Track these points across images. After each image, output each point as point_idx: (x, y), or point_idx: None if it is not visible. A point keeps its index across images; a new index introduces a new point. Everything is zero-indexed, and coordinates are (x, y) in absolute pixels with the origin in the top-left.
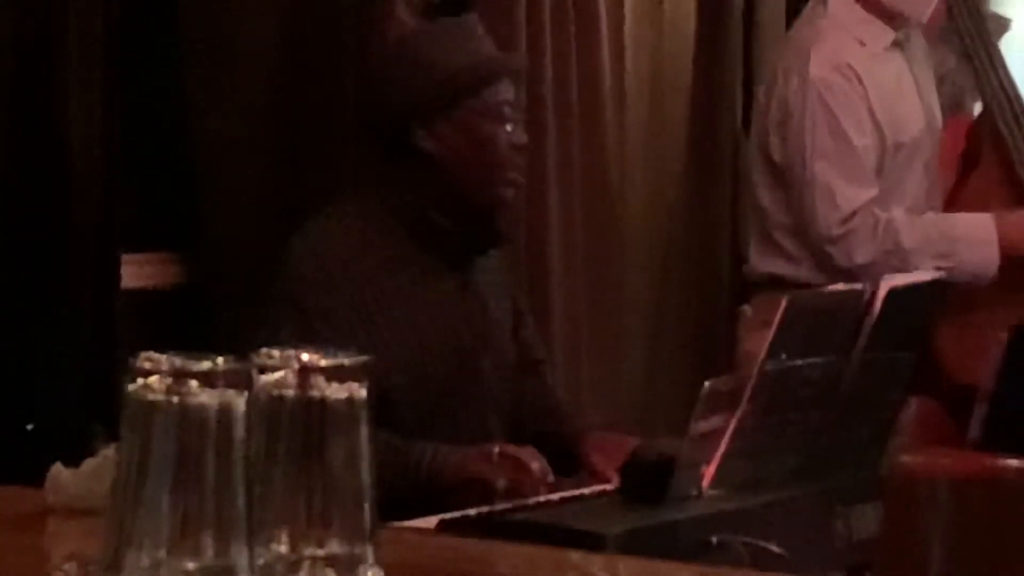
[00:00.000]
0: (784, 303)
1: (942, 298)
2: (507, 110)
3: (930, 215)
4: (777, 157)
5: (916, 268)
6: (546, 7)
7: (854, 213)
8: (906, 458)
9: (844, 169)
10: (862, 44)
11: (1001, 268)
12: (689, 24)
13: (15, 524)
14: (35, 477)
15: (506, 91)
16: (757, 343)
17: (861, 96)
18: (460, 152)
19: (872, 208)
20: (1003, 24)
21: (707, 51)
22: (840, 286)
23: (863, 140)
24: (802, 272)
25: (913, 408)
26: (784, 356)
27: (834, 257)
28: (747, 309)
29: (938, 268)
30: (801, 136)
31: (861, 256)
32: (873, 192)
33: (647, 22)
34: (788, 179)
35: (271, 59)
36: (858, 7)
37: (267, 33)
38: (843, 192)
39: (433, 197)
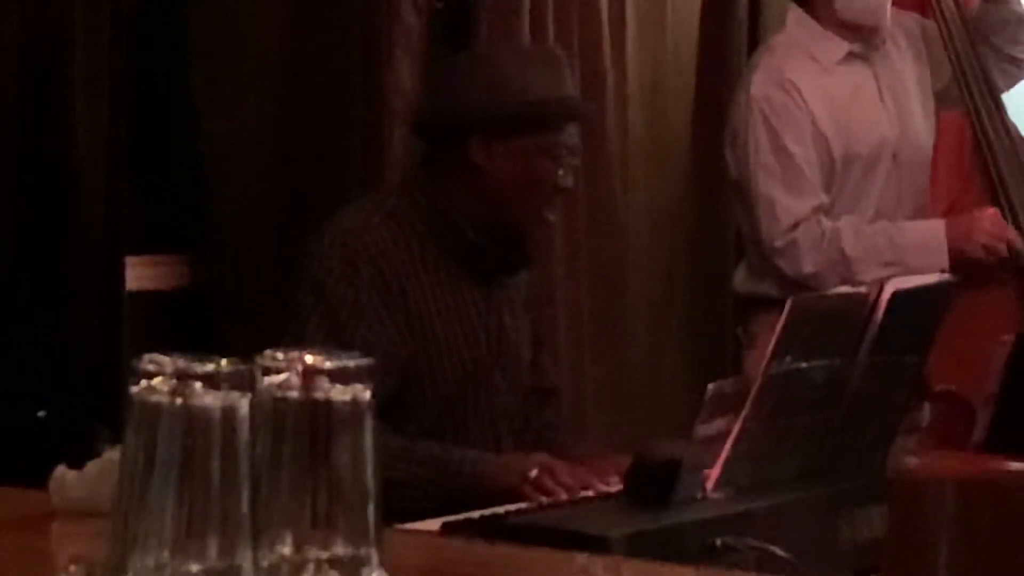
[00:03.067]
0: (789, 305)
1: (949, 301)
2: (564, 152)
3: (880, 223)
4: (732, 174)
5: (862, 277)
6: (549, 10)
7: (797, 224)
8: (912, 461)
9: (785, 181)
10: (813, 59)
11: (982, 274)
12: (692, 28)
13: (19, 526)
14: (39, 479)
15: (572, 135)
16: (752, 364)
17: (802, 110)
18: (507, 177)
19: (817, 218)
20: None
21: (710, 55)
22: (845, 289)
23: (804, 152)
24: (779, 289)
25: (927, 411)
26: (789, 359)
27: (782, 268)
28: (741, 332)
29: (888, 277)
30: (745, 151)
31: (807, 266)
32: (815, 202)
33: (650, 26)
34: (740, 194)
35: (278, 61)
36: (813, 22)
37: (274, 36)
38: (783, 203)
39: (466, 209)
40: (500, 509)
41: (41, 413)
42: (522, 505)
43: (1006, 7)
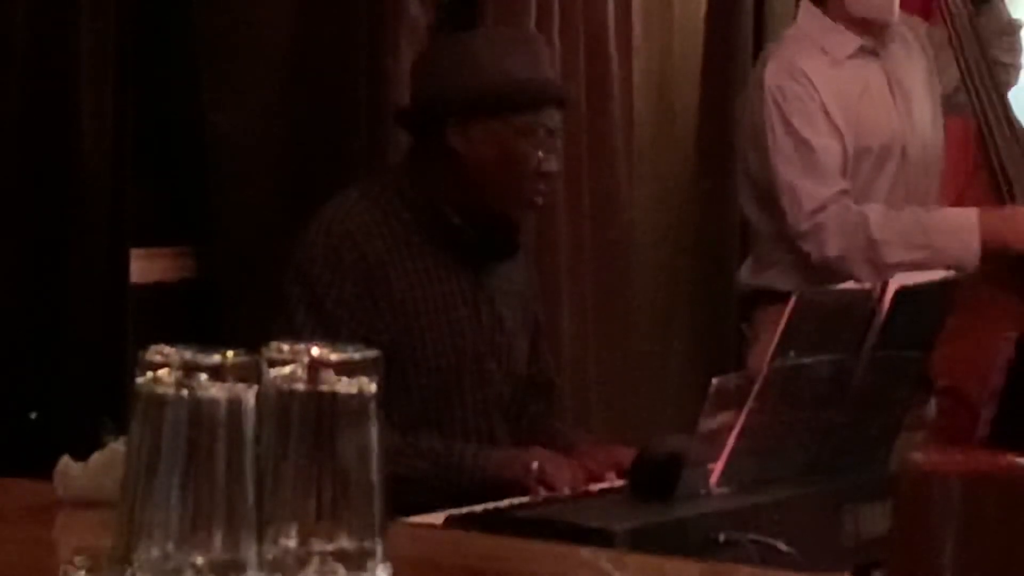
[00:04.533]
0: (793, 300)
1: (953, 298)
2: (543, 134)
3: (909, 208)
4: (752, 168)
5: (890, 260)
6: (555, 2)
7: (823, 207)
8: (917, 455)
9: (805, 167)
10: (824, 52)
11: (991, 270)
12: (698, 19)
13: (24, 517)
14: (44, 470)
15: (550, 118)
16: (756, 358)
17: (815, 100)
18: (486, 160)
19: (844, 201)
20: (1015, 26)
21: (716, 47)
22: (849, 284)
23: (821, 140)
24: (786, 281)
25: (933, 406)
26: (793, 354)
27: (807, 251)
28: (745, 327)
29: (915, 260)
30: (764, 143)
31: (832, 249)
32: (839, 186)
33: (656, 21)
34: (757, 187)
35: (284, 54)
36: (824, 16)
37: (280, 28)
38: (806, 188)
39: (450, 195)
40: (504, 502)
41: (33, 415)
42: (526, 499)
43: (997, 17)
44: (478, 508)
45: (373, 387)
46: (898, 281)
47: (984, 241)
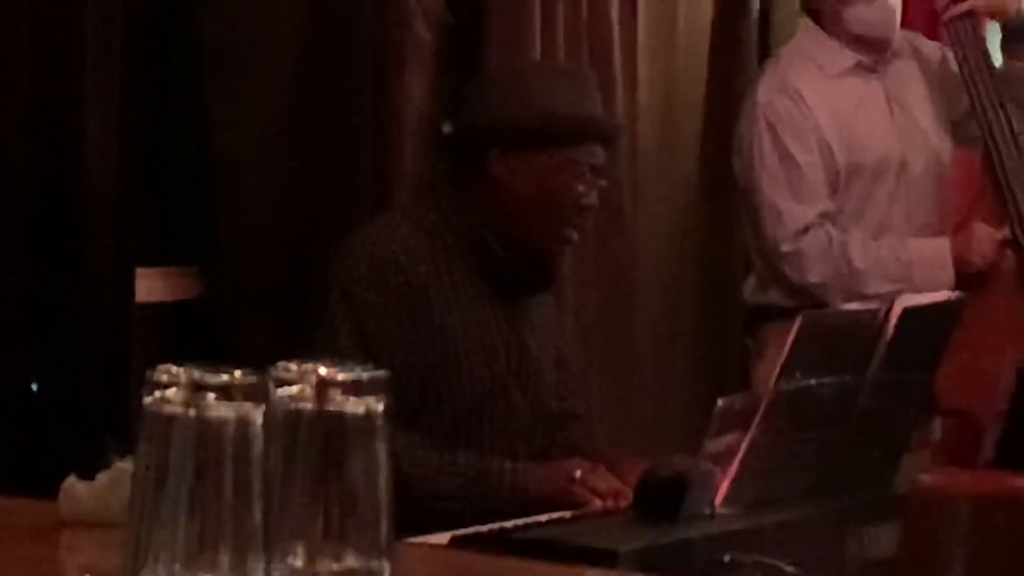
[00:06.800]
0: (798, 322)
1: (958, 318)
2: (584, 169)
3: (886, 239)
4: (739, 181)
5: (868, 291)
6: (559, 23)
7: (805, 230)
8: (924, 477)
9: (790, 187)
10: (819, 68)
11: (993, 292)
12: (703, 40)
13: (29, 537)
14: (49, 490)
15: (594, 154)
16: (760, 374)
17: (806, 117)
18: (524, 192)
19: (825, 227)
20: None
21: (720, 71)
22: (855, 305)
23: (808, 158)
24: (777, 298)
25: (938, 426)
26: (798, 375)
27: (787, 275)
28: (749, 343)
29: (892, 292)
30: (750, 158)
31: (813, 275)
32: (821, 207)
33: (661, 37)
34: (746, 202)
35: (288, 73)
36: (821, 32)
37: (284, 48)
38: (789, 209)
39: (492, 224)
40: (508, 523)
41: (34, 386)
42: (530, 519)
43: None
44: (483, 528)
45: (380, 407)
46: (904, 301)
47: (954, 266)
